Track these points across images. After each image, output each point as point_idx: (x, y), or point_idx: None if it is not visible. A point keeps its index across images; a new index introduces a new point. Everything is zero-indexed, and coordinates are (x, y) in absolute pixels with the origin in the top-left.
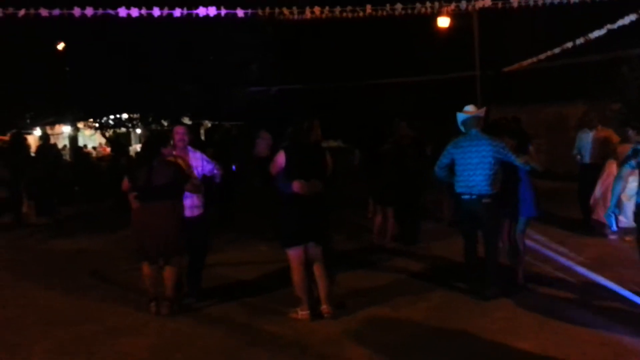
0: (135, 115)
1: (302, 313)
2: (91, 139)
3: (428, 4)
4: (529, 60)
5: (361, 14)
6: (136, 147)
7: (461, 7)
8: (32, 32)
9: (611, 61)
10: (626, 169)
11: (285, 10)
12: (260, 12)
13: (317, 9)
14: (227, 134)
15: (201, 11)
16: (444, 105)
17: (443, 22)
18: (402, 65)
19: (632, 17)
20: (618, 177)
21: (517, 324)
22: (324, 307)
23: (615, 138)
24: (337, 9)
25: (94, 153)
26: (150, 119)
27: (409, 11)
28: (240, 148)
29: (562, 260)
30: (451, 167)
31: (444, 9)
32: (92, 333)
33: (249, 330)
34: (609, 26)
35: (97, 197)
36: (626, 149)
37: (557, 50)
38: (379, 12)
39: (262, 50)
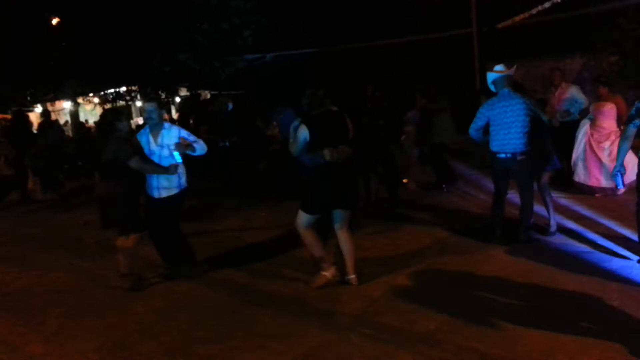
0: (134, 88)
1: (330, 272)
2: (92, 113)
3: None
4: (522, 15)
5: None
6: (137, 120)
7: None
8: (26, 7)
9: (608, 13)
10: (631, 129)
11: None
12: None
13: None
14: (220, 106)
15: None
16: (441, 66)
17: None
18: (396, 27)
19: None
20: (624, 137)
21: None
22: (353, 277)
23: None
24: None
25: (93, 129)
26: (148, 90)
27: None
28: (233, 122)
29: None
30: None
31: None
32: (101, 299)
33: (251, 290)
34: None
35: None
36: (601, 106)
37: (547, 4)
38: None
39: (255, 14)
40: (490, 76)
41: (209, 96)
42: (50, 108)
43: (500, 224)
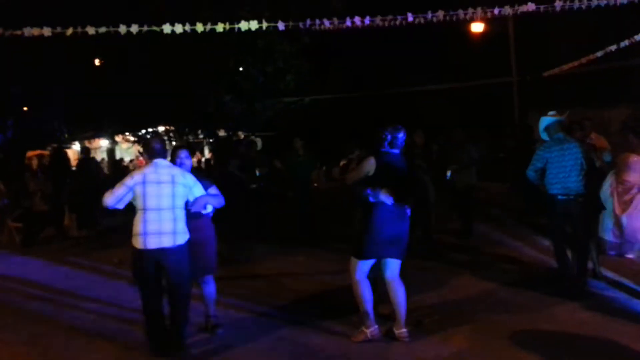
0: (171, 128)
1: (371, 330)
2: (127, 152)
3: (470, 10)
4: (570, 65)
5: (403, 22)
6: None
7: (504, 12)
8: (72, 47)
9: None
10: None
11: (326, 21)
12: (301, 24)
13: (357, 19)
14: (251, 145)
15: (243, 25)
16: (480, 113)
17: (477, 27)
18: (437, 73)
19: None
20: None
21: None
22: (402, 332)
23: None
24: (378, 18)
25: (130, 166)
26: (186, 130)
27: (449, 18)
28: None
29: None
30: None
31: (481, 14)
32: (137, 346)
33: (294, 343)
34: None
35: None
36: (627, 157)
37: (599, 53)
38: (420, 20)
39: (299, 59)
40: (545, 121)
41: (242, 137)
42: (87, 145)
43: (568, 270)
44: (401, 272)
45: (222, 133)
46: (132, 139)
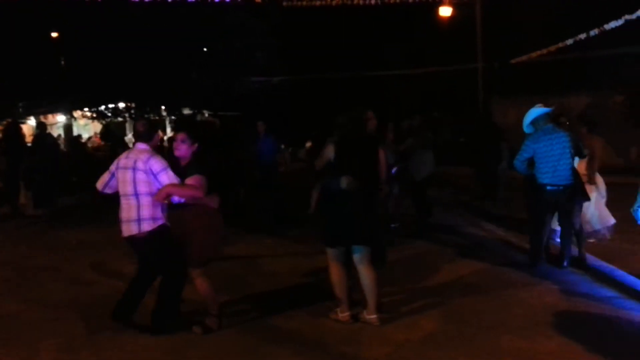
0: (132, 104)
1: (343, 315)
2: (85, 128)
3: None
4: (537, 52)
5: (372, 1)
6: (131, 137)
7: None
8: (26, 19)
9: (619, 55)
10: None
11: None
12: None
13: None
14: (210, 128)
15: None
16: (446, 98)
17: (445, 11)
18: (405, 58)
19: None
20: None
21: None
22: (374, 317)
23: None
24: None
25: (88, 143)
26: (148, 109)
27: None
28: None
29: None
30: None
31: None
32: (97, 330)
33: (267, 327)
34: (627, 17)
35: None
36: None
37: (570, 41)
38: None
39: (267, 37)
40: (534, 113)
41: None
42: (43, 121)
43: (541, 257)
44: (375, 258)
45: (186, 111)
46: (90, 114)
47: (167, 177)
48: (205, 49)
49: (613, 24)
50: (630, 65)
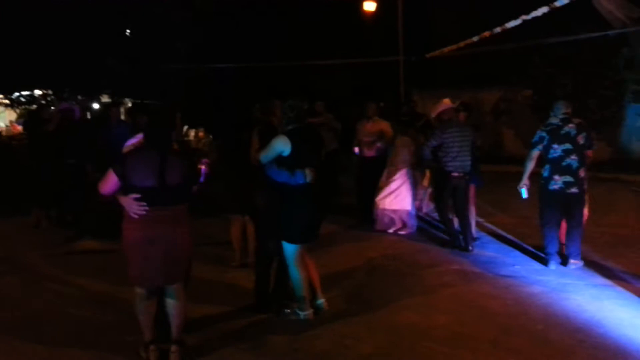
0: (48, 91)
1: (309, 313)
2: (0, 116)
3: None
4: (449, 48)
5: None
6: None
7: None
8: None
9: (524, 50)
10: (534, 152)
11: None
12: None
13: None
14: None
15: None
16: (372, 90)
17: (369, 6)
18: (332, 47)
19: (544, 9)
20: (529, 158)
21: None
22: (325, 302)
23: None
24: None
25: (4, 131)
26: (65, 95)
27: None
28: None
29: None
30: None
31: None
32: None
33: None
34: (524, 17)
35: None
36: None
37: (475, 38)
38: None
39: (192, 27)
40: (440, 107)
41: (129, 104)
42: None
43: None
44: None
45: (105, 99)
46: (5, 102)
47: None
48: (124, 34)
49: (512, 23)
50: (535, 62)
